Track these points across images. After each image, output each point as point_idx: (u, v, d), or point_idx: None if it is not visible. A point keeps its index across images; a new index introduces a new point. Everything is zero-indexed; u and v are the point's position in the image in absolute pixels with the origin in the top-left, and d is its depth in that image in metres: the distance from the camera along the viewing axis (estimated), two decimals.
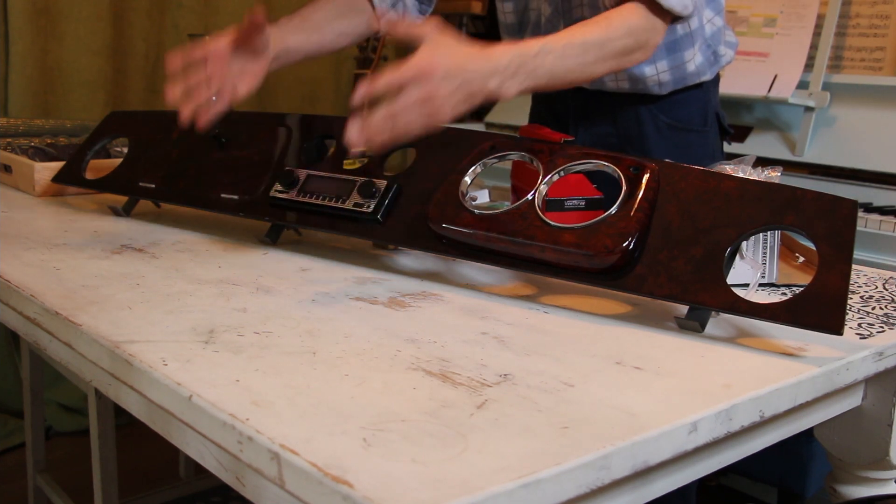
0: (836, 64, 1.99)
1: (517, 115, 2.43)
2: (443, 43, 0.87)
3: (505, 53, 0.89)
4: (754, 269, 0.90)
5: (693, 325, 0.79)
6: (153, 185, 1.15)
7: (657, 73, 1.25)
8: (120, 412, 1.14)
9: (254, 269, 0.95)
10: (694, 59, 1.26)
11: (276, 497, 0.55)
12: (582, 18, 1.25)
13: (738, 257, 0.88)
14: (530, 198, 0.87)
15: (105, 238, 1.07)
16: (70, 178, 1.26)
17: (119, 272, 0.92)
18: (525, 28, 1.37)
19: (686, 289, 0.78)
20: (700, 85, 1.33)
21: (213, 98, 1.01)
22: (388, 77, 0.83)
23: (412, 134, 0.84)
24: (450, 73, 0.85)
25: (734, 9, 2.08)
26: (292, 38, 1.21)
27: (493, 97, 0.90)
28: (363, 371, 0.67)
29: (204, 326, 0.76)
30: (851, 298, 0.93)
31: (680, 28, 1.24)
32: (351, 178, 1.00)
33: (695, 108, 1.34)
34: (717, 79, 1.38)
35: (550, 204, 0.97)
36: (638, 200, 0.82)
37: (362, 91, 0.83)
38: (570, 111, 1.39)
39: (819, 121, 1.91)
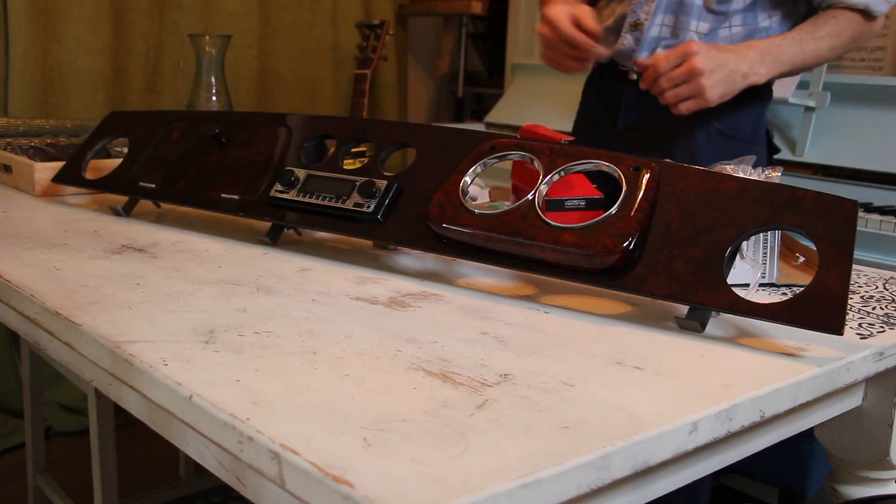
0: (836, 64, 1.99)
1: (517, 115, 2.43)
2: (703, 49, 1.17)
3: (754, 47, 1.18)
4: (754, 269, 0.90)
5: (693, 325, 0.79)
6: (153, 185, 1.15)
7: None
8: (120, 412, 1.14)
9: (254, 269, 0.95)
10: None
11: (276, 497, 0.55)
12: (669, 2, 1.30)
13: (738, 257, 0.88)
14: (530, 198, 0.87)
15: (105, 238, 1.07)
16: (70, 178, 1.26)
17: (119, 272, 0.92)
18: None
19: (686, 289, 0.78)
20: (758, 97, 1.33)
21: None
22: (664, 73, 1.18)
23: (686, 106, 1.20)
24: (712, 69, 1.16)
25: None
26: None
27: (749, 82, 1.20)
28: (363, 371, 0.67)
29: (204, 326, 0.76)
30: (851, 298, 0.93)
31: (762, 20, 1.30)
32: (351, 178, 1.00)
33: (748, 117, 1.34)
34: (770, 94, 1.39)
35: (550, 204, 0.97)
36: (638, 200, 0.82)
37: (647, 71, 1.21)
38: (620, 106, 1.39)
39: (819, 121, 1.91)
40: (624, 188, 0.84)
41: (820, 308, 0.72)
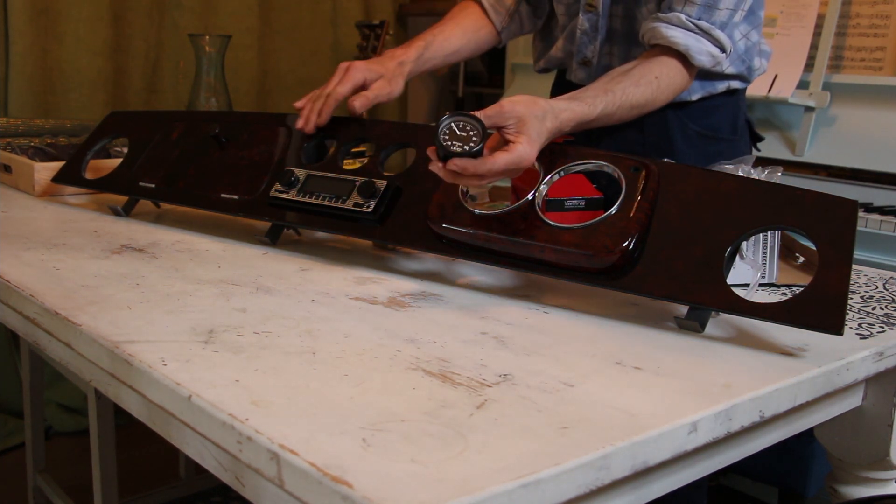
0: (836, 64, 1.99)
1: None
2: (529, 120, 0.91)
3: (572, 118, 0.98)
4: (754, 269, 0.90)
5: (693, 325, 0.79)
6: (153, 185, 1.15)
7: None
8: (120, 412, 1.14)
9: (254, 269, 0.95)
10: (724, 73, 1.25)
11: (275, 497, 0.55)
12: (614, 33, 1.25)
13: (738, 257, 0.88)
14: (530, 198, 0.87)
15: (105, 238, 1.07)
16: (70, 178, 1.26)
17: (119, 272, 0.92)
18: (565, 30, 1.36)
19: (686, 289, 0.78)
20: (733, 92, 1.31)
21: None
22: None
23: None
24: (532, 150, 0.89)
25: None
26: (429, 65, 1.31)
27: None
28: (363, 371, 0.67)
29: (204, 326, 0.76)
30: (851, 298, 0.93)
31: None
32: (351, 178, 1.00)
33: (725, 116, 1.31)
34: (744, 87, 1.36)
35: (550, 204, 0.97)
36: (638, 200, 0.82)
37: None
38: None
39: (819, 121, 1.91)
40: (624, 188, 0.84)
41: (820, 308, 0.72)
